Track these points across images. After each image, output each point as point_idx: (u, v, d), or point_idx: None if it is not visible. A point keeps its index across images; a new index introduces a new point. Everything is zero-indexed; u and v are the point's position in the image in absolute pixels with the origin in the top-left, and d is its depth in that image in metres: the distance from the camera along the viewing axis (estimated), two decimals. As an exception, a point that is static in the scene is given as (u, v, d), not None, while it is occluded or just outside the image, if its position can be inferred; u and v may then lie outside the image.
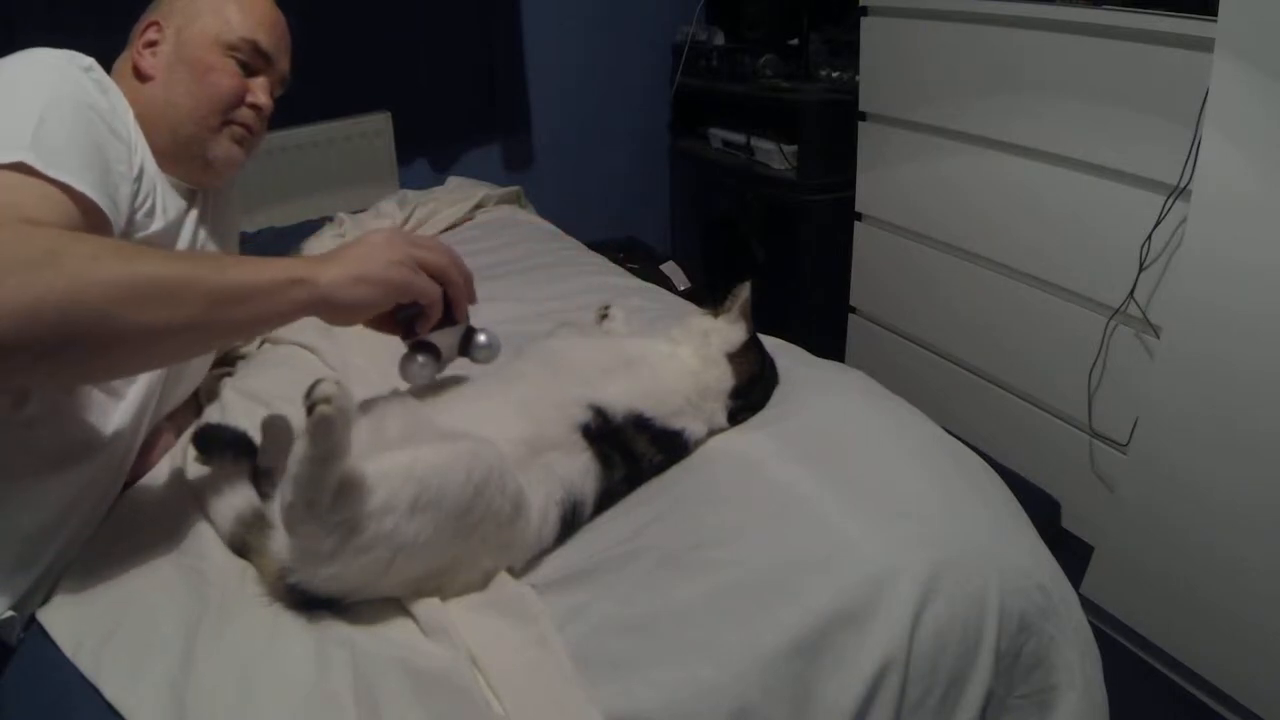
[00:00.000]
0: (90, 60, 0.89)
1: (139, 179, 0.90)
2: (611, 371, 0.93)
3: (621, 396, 0.90)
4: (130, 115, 0.93)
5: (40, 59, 0.84)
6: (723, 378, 0.96)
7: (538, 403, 0.87)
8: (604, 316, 1.15)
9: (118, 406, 0.89)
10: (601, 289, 1.45)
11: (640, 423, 0.90)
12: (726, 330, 0.99)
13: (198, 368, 1.09)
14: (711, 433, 0.96)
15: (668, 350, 0.98)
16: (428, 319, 0.84)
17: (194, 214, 1.05)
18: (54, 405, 0.82)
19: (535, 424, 0.85)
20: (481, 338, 0.93)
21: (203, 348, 0.77)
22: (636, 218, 2.86)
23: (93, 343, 0.65)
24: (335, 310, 0.77)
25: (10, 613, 0.76)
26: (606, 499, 0.88)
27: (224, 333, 0.76)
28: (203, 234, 1.07)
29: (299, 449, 0.66)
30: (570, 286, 1.46)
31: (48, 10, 1.79)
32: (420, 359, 0.88)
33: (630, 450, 0.89)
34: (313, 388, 0.65)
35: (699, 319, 1.02)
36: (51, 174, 0.74)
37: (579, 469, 0.86)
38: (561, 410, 0.87)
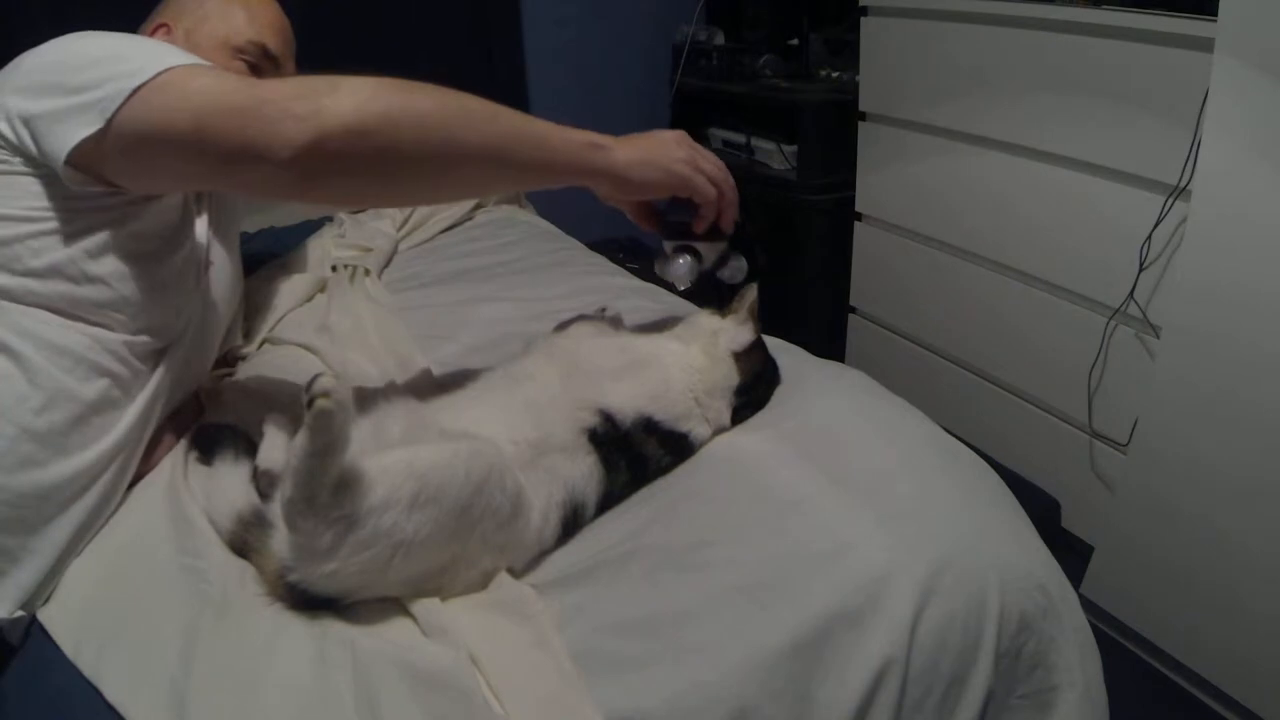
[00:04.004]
0: None
1: None
2: (621, 373, 0.92)
3: (630, 400, 0.90)
4: None
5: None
6: (729, 375, 0.96)
7: (544, 405, 0.87)
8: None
9: (125, 407, 0.90)
10: (601, 289, 1.45)
11: (649, 426, 0.90)
12: (734, 330, 0.99)
13: (199, 368, 1.09)
14: (716, 433, 0.96)
15: (679, 349, 0.98)
16: (702, 219, 0.91)
17: (204, 215, 1.05)
18: (59, 404, 0.82)
19: (540, 426, 0.85)
20: (736, 260, 1.00)
21: (492, 182, 0.83)
22: (637, 218, 2.86)
23: (410, 148, 0.71)
24: (621, 185, 0.83)
25: (20, 612, 0.76)
26: (608, 502, 0.88)
27: (517, 172, 0.78)
28: (208, 231, 1.07)
29: (298, 443, 0.66)
30: (570, 286, 1.46)
31: (48, 10, 1.79)
32: (683, 260, 0.96)
33: (638, 453, 0.89)
34: (312, 382, 0.65)
35: (707, 318, 1.03)
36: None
37: (582, 472, 0.85)
38: (568, 413, 0.87)
